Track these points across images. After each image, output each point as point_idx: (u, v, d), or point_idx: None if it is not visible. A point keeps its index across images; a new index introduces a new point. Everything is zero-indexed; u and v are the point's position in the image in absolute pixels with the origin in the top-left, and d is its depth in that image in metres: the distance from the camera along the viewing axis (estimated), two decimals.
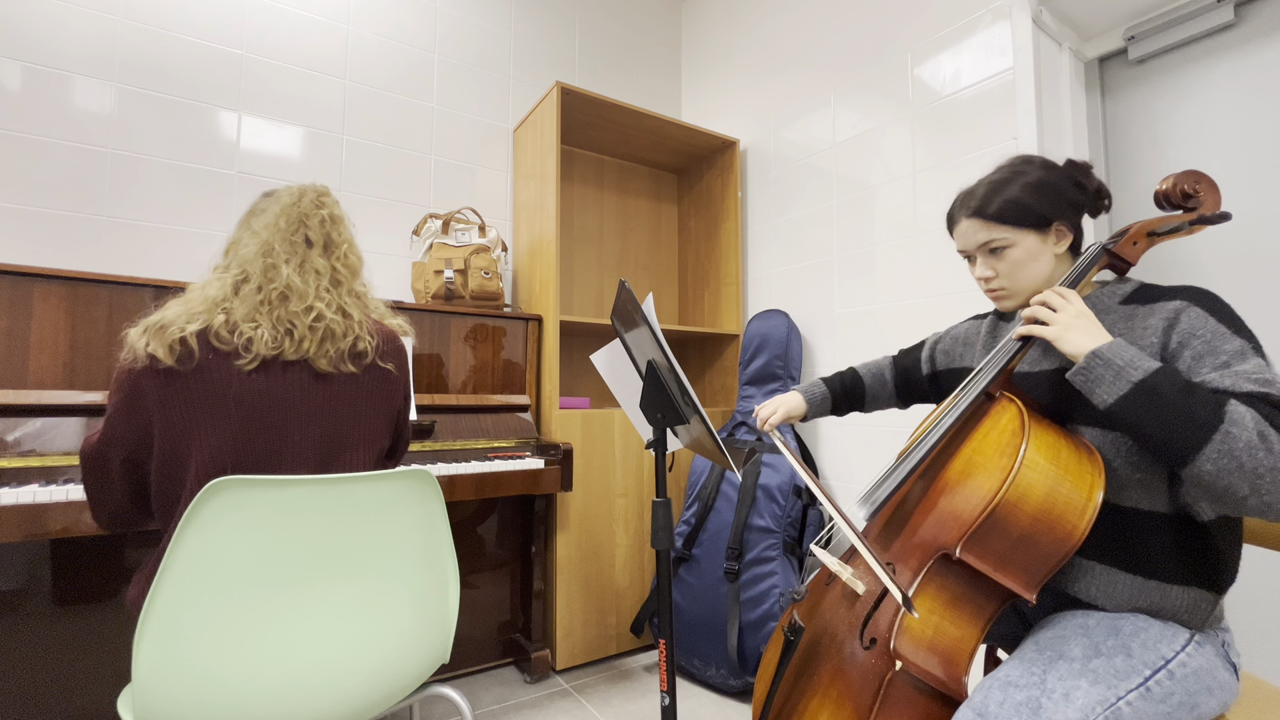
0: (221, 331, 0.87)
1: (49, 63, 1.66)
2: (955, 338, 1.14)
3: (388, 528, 0.88)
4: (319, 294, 0.95)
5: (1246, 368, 0.72)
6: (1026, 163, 0.93)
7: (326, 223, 1.02)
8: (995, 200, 0.90)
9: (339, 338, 0.95)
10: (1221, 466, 0.67)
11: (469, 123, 2.32)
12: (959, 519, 0.83)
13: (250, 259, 0.94)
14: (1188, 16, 1.51)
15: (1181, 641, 0.76)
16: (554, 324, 2.01)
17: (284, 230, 0.97)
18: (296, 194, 1.03)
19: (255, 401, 0.88)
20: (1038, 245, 0.90)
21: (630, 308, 1.06)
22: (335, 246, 1.02)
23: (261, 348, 0.88)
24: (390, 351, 1.03)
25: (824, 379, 1.28)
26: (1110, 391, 0.74)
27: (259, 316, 0.90)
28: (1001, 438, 0.84)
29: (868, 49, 2.01)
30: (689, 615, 1.90)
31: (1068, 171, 0.92)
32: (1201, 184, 0.85)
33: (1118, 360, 0.74)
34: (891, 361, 1.27)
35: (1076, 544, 0.78)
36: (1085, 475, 0.79)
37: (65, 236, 1.66)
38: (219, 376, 0.86)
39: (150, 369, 0.84)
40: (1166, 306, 0.81)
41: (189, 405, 0.86)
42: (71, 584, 1.42)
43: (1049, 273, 0.91)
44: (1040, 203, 0.89)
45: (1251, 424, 0.67)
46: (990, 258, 0.93)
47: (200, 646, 0.74)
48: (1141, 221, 0.88)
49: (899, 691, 0.79)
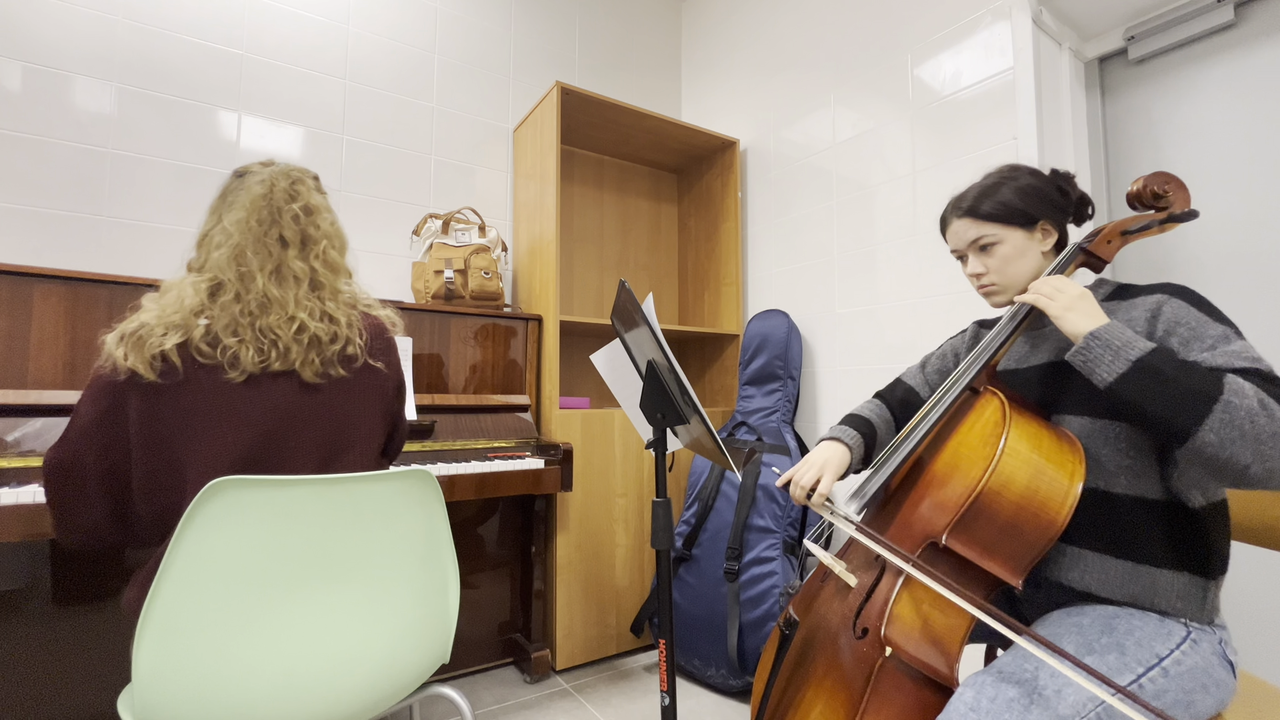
0: (202, 345, 0.84)
1: (49, 63, 1.66)
2: (943, 355, 1.17)
3: (388, 528, 0.87)
4: (299, 303, 0.90)
5: (1234, 348, 0.75)
6: (1014, 170, 0.99)
7: (301, 217, 0.95)
8: (986, 201, 0.96)
9: (325, 345, 0.92)
10: (1224, 436, 0.68)
11: (469, 123, 2.32)
12: (945, 508, 0.85)
13: (223, 265, 0.89)
14: (1187, 17, 1.51)
15: (1176, 639, 0.77)
16: (554, 324, 2.01)
17: (255, 231, 0.91)
18: (268, 182, 0.95)
19: (249, 411, 0.86)
20: (1025, 242, 0.95)
21: (630, 308, 1.06)
22: (313, 244, 0.95)
23: (248, 364, 0.86)
24: (380, 348, 1.01)
25: (846, 423, 1.11)
26: (1110, 370, 0.76)
27: (241, 329, 0.86)
28: (985, 429, 0.87)
29: (868, 49, 2.01)
30: (689, 615, 1.90)
31: (1052, 179, 0.97)
32: (1170, 184, 0.90)
33: (1115, 340, 0.77)
34: (884, 402, 1.18)
35: (1059, 530, 0.80)
36: (1066, 464, 0.82)
37: (65, 236, 1.66)
38: (208, 388, 0.84)
39: (132, 382, 0.81)
40: (1148, 300, 0.85)
41: (180, 417, 0.83)
42: (71, 584, 1.42)
43: (1036, 268, 0.96)
44: (1027, 203, 0.94)
45: (1251, 392, 0.69)
46: (981, 255, 0.98)
47: (200, 646, 0.74)
48: (1115, 221, 0.93)
49: (889, 678, 0.80)
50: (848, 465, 1.03)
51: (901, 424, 1.16)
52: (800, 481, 1.00)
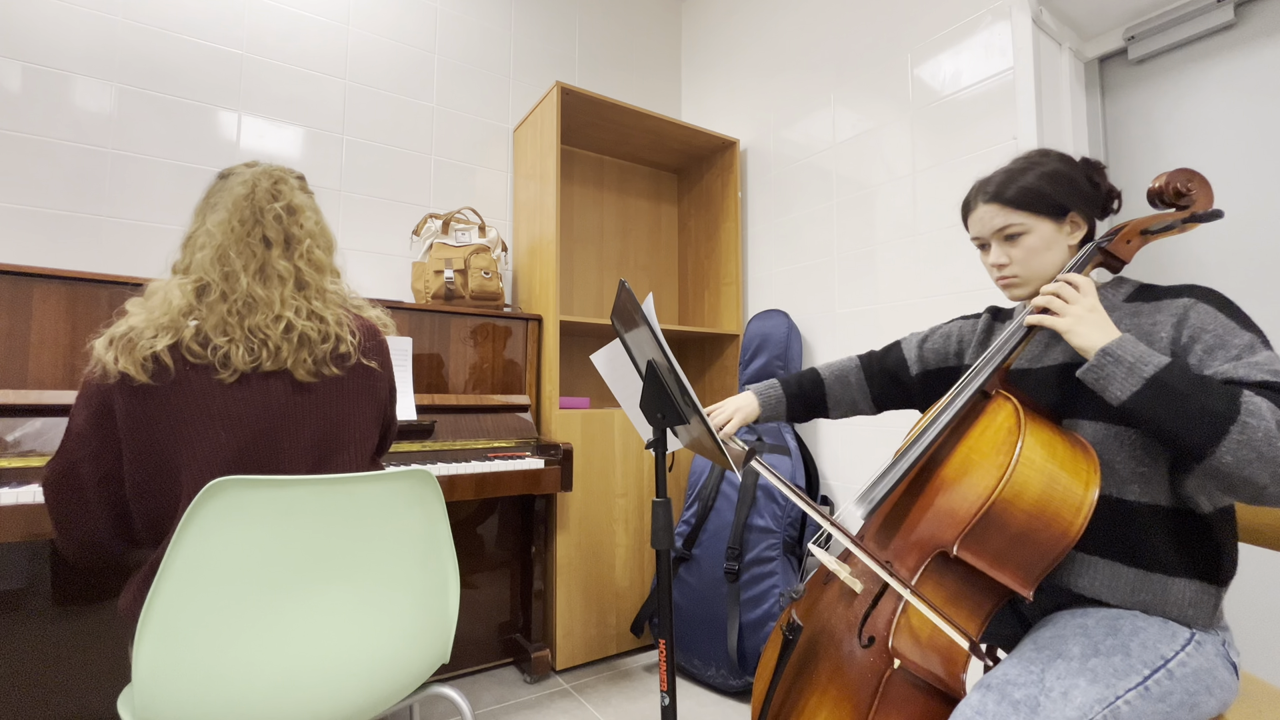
0: (193, 345, 0.84)
1: (49, 63, 1.66)
2: (946, 335, 1.14)
3: (388, 528, 0.87)
4: (285, 302, 0.90)
5: (1259, 359, 0.73)
6: (1044, 155, 0.94)
7: (284, 217, 0.94)
8: (1013, 186, 0.91)
9: (316, 343, 0.91)
10: (1241, 457, 0.67)
11: (469, 123, 2.32)
12: (956, 517, 0.83)
13: (206, 266, 0.89)
14: (1187, 16, 1.51)
15: (1181, 641, 0.76)
16: (554, 324, 2.01)
17: (238, 231, 0.91)
18: (250, 183, 0.95)
19: (241, 411, 0.86)
20: (1053, 233, 0.90)
21: (630, 308, 1.06)
22: (297, 243, 0.95)
23: (239, 364, 0.85)
24: (373, 348, 1.01)
25: (780, 380, 1.23)
26: (1123, 388, 0.74)
27: (230, 329, 0.86)
28: (997, 435, 0.85)
29: (868, 49, 2.01)
30: (689, 615, 1.90)
31: (1083, 167, 0.93)
32: (1194, 182, 0.86)
33: (1128, 357, 0.74)
34: (860, 364, 1.21)
35: (1073, 541, 0.78)
36: (1081, 472, 0.80)
37: (65, 236, 1.66)
38: (200, 389, 0.84)
39: (123, 385, 0.81)
40: (1174, 304, 0.81)
41: (172, 419, 0.83)
42: (71, 584, 1.42)
43: (1061, 262, 0.91)
44: (1057, 191, 0.89)
45: (1268, 413, 0.67)
46: (1005, 244, 0.93)
47: (200, 646, 0.74)
48: (1135, 220, 0.89)
49: (897, 689, 0.79)
50: (756, 417, 1.18)
51: (877, 391, 1.19)
52: (714, 422, 1.14)
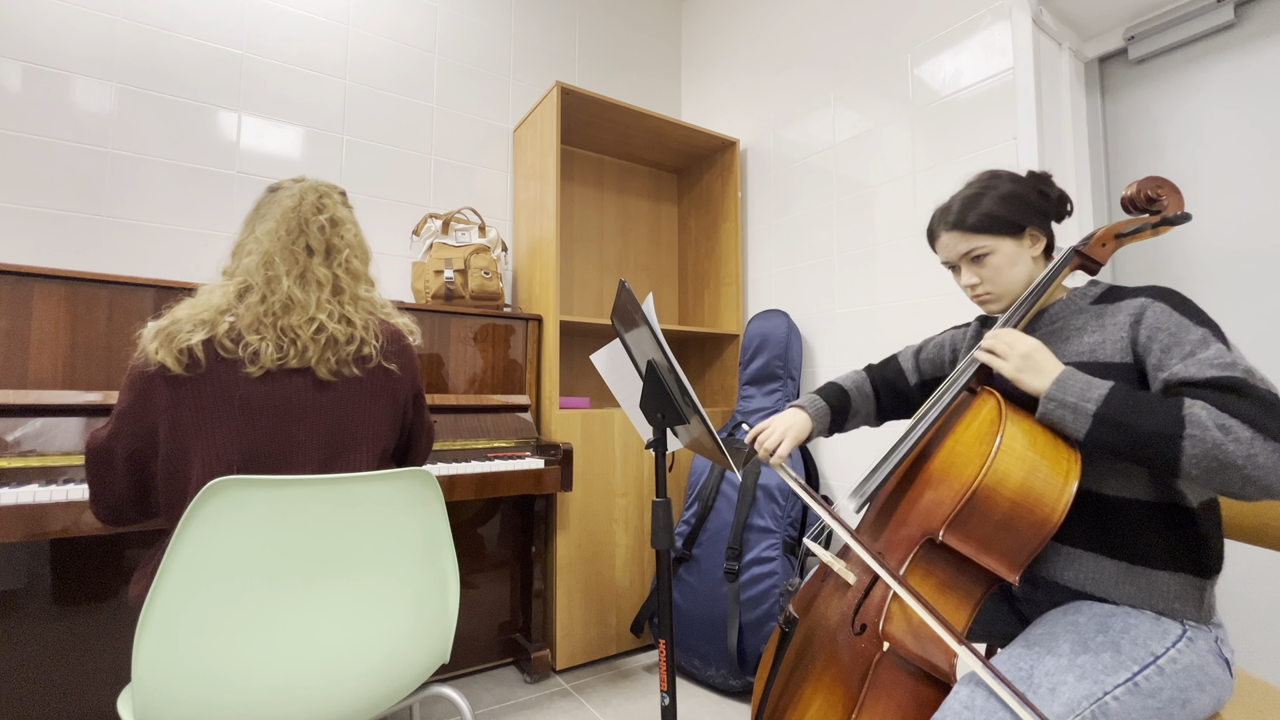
0: (225, 341, 0.90)
1: (49, 63, 1.66)
2: (940, 345, 1.18)
3: (388, 528, 0.88)
4: (320, 305, 0.97)
5: (1208, 354, 0.76)
6: (994, 177, 1.00)
7: (327, 229, 1.02)
8: (972, 213, 0.96)
9: (341, 345, 0.97)
10: (1205, 468, 0.70)
11: (469, 123, 2.32)
12: (942, 504, 0.86)
13: (252, 269, 0.96)
14: (1188, 16, 1.51)
15: (1172, 638, 0.77)
16: (554, 324, 2.01)
17: (284, 240, 0.98)
18: (297, 196, 1.03)
19: (260, 403, 0.91)
20: (1015, 250, 0.96)
21: (630, 308, 1.07)
22: (337, 253, 1.03)
23: (267, 360, 0.91)
24: (395, 351, 1.05)
25: (819, 393, 1.20)
26: (1076, 429, 0.79)
27: (263, 328, 0.92)
28: (981, 427, 0.89)
29: (868, 49, 2.01)
30: (689, 615, 1.90)
31: (1031, 182, 0.98)
32: (1163, 188, 0.92)
33: (1070, 398, 0.80)
34: (868, 376, 1.23)
35: (1054, 527, 0.81)
36: (1061, 462, 0.83)
37: (65, 236, 1.66)
38: (225, 380, 0.90)
39: (160, 374, 0.88)
40: (1132, 304, 0.86)
41: (196, 408, 0.89)
42: (71, 584, 1.42)
43: (1028, 274, 0.97)
44: (1012, 211, 0.95)
45: (1209, 421, 0.70)
46: (974, 265, 0.99)
47: (200, 646, 0.75)
48: (1109, 225, 0.95)
49: (887, 673, 0.81)
50: (809, 433, 1.13)
51: (883, 402, 1.20)
52: (765, 444, 1.09)
